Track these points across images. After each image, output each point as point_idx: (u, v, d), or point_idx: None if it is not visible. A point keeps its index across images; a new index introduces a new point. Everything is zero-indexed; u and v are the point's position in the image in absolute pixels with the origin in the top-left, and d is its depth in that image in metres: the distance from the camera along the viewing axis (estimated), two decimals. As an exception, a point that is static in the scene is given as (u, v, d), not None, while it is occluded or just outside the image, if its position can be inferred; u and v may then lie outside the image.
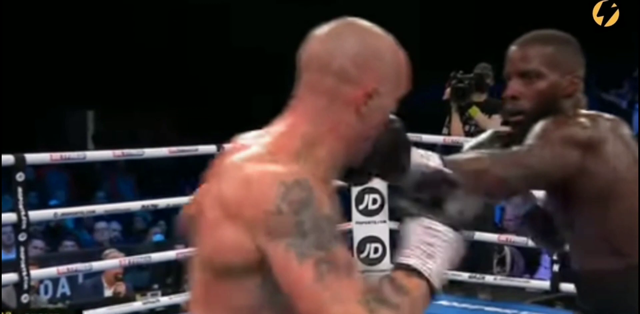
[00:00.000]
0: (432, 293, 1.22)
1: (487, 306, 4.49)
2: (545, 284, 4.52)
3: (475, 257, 5.20)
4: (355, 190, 5.09)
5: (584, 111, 1.87)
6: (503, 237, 4.93)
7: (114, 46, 10.90)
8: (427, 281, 1.22)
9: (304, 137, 1.27)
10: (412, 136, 4.86)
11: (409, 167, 1.50)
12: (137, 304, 4.37)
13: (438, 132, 5.27)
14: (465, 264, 5.03)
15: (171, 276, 6.21)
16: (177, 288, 5.52)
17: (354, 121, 1.27)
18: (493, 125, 5.27)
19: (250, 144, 1.30)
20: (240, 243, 1.21)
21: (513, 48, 1.89)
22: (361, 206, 5.10)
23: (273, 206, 1.19)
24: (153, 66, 11.05)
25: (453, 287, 4.98)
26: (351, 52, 1.27)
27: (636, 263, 1.82)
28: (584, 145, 1.76)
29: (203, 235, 1.27)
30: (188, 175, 9.50)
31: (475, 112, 5.26)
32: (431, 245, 1.22)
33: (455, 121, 5.32)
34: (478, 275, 4.63)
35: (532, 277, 5.76)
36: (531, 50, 1.85)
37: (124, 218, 8.36)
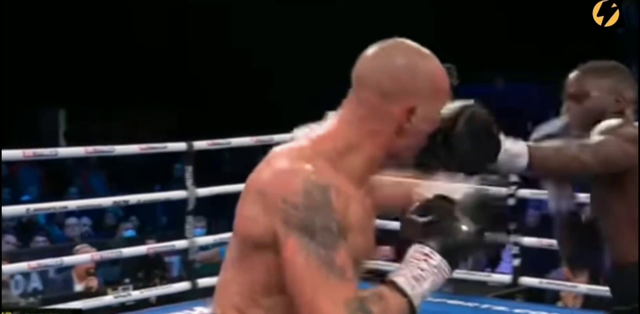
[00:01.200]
0: (411, 312, 1.34)
1: (450, 299, 4.55)
2: (506, 278, 4.60)
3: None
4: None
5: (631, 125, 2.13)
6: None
7: (90, 46, 10.85)
8: (409, 301, 1.33)
9: (346, 140, 1.38)
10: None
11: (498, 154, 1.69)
12: (109, 298, 4.39)
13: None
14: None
15: (142, 271, 6.22)
16: (148, 282, 5.54)
17: (395, 134, 1.37)
18: None
19: (297, 139, 1.42)
20: (260, 220, 1.33)
21: (570, 75, 2.18)
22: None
23: (294, 199, 1.31)
24: (130, 65, 11.01)
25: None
26: (393, 71, 1.36)
27: None
28: (635, 140, 2.01)
29: (237, 214, 1.39)
30: (158, 171, 9.50)
31: None
32: (423, 271, 1.34)
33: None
34: (441, 269, 4.68)
35: (493, 271, 5.85)
36: (582, 77, 2.15)
37: (95, 213, 8.35)
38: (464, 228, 1.37)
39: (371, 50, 1.40)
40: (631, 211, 2.01)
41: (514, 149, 1.77)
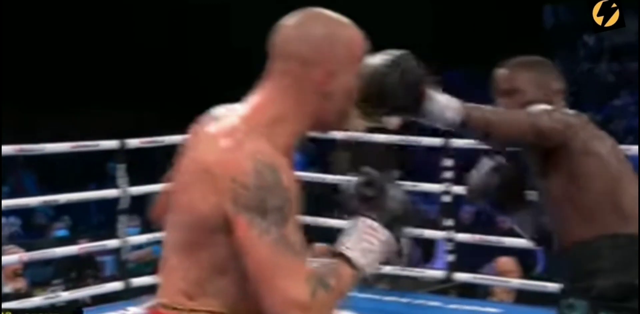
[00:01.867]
0: (363, 281, 1.40)
1: (385, 296, 4.58)
2: (440, 273, 4.64)
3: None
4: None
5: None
6: (400, 229, 5.04)
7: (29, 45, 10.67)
8: (360, 273, 1.39)
9: (276, 113, 1.40)
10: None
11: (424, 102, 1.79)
12: (37, 300, 4.30)
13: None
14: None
15: (74, 271, 6.12)
16: (80, 283, 5.44)
17: (320, 100, 1.42)
18: (394, 120, 5.36)
19: (224, 117, 1.43)
20: (209, 200, 1.35)
21: (498, 71, 2.22)
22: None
23: (244, 179, 1.33)
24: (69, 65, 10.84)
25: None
26: (312, 38, 1.41)
27: (596, 234, 2.02)
28: (566, 122, 2.04)
29: (177, 197, 1.40)
30: (94, 170, 9.35)
31: None
32: (370, 243, 1.40)
33: (354, 115, 5.40)
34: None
35: (428, 267, 5.91)
36: (512, 72, 2.20)
37: (24, 213, 8.18)
38: (403, 201, 1.44)
39: (289, 21, 1.44)
40: (570, 192, 2.04)
41: (444, 101, 1.84)
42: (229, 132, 1.38)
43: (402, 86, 1.79)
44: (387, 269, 4.74)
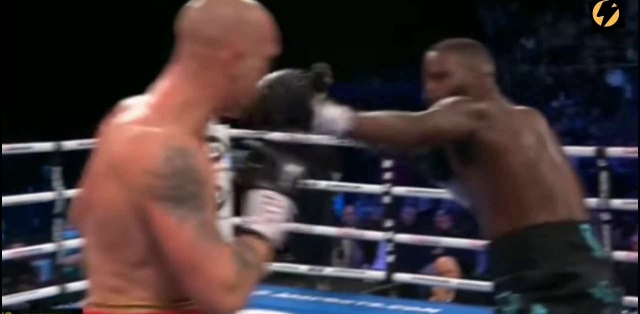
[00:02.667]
0: (274, 250, 1.43)
1: (326, 297, 4.59)
2: (380, 274, 4.68)
3: (315, 250, 5.33)
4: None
5: (491, 96, 2.16)
6: (342, 231, 5.07)
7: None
8: (271, 244, 1.42)
9: (184, 98, 1.41)
10: (256, 133, 4.91)
11: (314, 116, 1.81)
12: (-31, 306, 4.21)
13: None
14: (305, 257, 5.15)
15: (8, 276, 6.00)
16: (12, 289, 5.34)
17: (227, 82, 1.42)
18: None
19: (134, 106, 1.43)
20: (121, 197, 1.35)
21: (428, 54, 2.20)
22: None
23: (156, 168, 1.32)
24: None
25: (293, 279, 5.08)
26: (219, 20, 1.41)
27: (523, 225, 2.01)
28: (473, 113, 2.03)
29: (91, 196, 1.40)
30: (31, 173, 9.19)
31: None
32: (271, 212, 1.43)
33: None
34: (317, 267, 4.74)
35: (370, 268, 5.95)
36: (441, 55, 2.18)
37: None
38: (293, 166, 1.48)
39: (196, 3, 1.44)
40: (492, 184, 2.03)
41: (333, 114, 1.86)
42: (135, 121, 1.38)
43: (284, 103, 1.83)
44: (329, 270, 4.78)
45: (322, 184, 4.75)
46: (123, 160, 1.34)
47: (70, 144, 4.34)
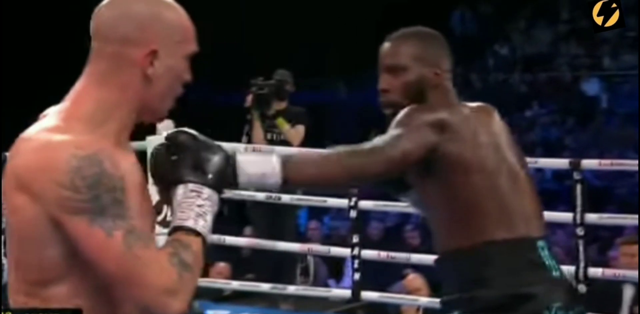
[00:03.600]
0: (205, 245, 1.42)
1: (290, 317, 4.57)
2: (347, 293, 4.65)
3: (278, 267, 5.29)
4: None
5: (450, 100, 2.08)
6: (305, 247, 5.04)
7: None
8: (203, 238, 1.41)
9: (96, 102, 1.38)
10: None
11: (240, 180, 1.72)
12: None
13: (236, 139, 5.28)
14: (267, 274, 5.11)
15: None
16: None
17: (142, 83, 1.39)
18: (297, 135, 5.37)
19: (47, 115, 1.40)
20: (30, 211, 1.32)
21: (384, 45, 2.10)
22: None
23: (66, 180, 1.29)
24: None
25: (255, 299, 5.04)
26: (133, 17, 1.39)
27: (479, 241, 1.97)
28: (436, 126, 1.97)
29: (4, 211, 1.36)
30: None
31: (283, 124, 5.34)
32: (200, 206, 1.43)
33: (257, 129, 5.37)
34: (280, 286, 4.71)
35: (336, 286, 5.92)
36: (398, 46, 2.08)
37: None
38: (217, 156, 1.48)
39: (108, 2, 1.42)
40: (448, 199, 1.99)
41: (259, 170, 1.73)
42: (41, 131, 1.34)
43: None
44: (292, 289, 4.74)
45: (286, 197, 4.72)
46: (28, 171, 1.31)
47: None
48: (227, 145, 4.86)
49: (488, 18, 12.61)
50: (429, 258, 4.48)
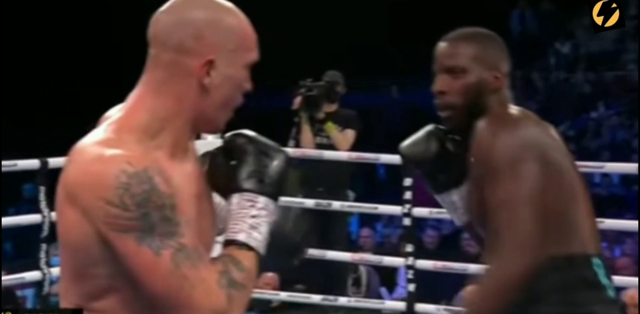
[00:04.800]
0: (259, 259, 1.41)
1: (342, 330, 4.57)
2: (401, 305, 4.64)
3: (329, 277, 5.29)
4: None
5: (510, 108, 2.08)
6: (357, 256, 5.04)
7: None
8: (257, 252, 1.41)
9: (151, 112, 1.38)
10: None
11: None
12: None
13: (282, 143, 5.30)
14: (317, 285, 5.11)
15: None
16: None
17: (199, 93, 1.39)
18: (345, 141, 5.35)
19: (103, 123, 1.41)
20: (83, 229, 1.33)
21: (441, 45, 2.10)
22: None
23: (115, 198, 1.30)
24: None
25: (305, 310, 5.05)
26: (189, 24, 1.38)
27: (541, 254, 1.95)
28: (537, 157, 1.95)
29: (58, 226, 1.38)
30: (10, 192, 9.20)
31: (331, 128, 5.32)
32: (254, 217, 1.41)
33: (306, 132, 5.35)
34: (331, 297, 4.71)
35: (389, 297, 5.90)
36: (457, 47, 2.08)
37: None
38: (272, 160, 1.43)
39: (166, 7, 1.41)
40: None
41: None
42: (94, 142, 1.35)
43: None
44: (343, 300, 4.75)
45: (336, 204, 4.72)
46: (77, 186, 1.32)
47: (57, 161, 4.33)
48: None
49: (549, 15, 12.49)
50: (487, 268, 4.44)
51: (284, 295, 4.91)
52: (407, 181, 4.44)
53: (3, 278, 4.67)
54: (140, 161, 1.32)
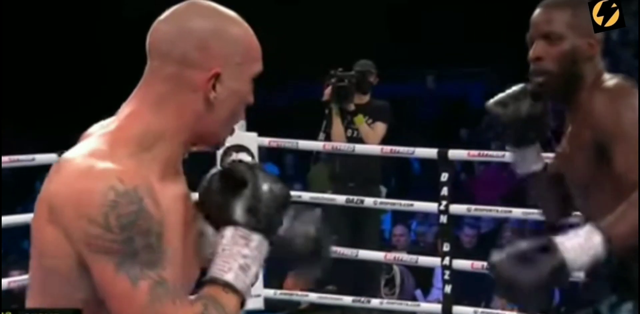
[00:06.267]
0: (243, 305, 1.38)
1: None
2: (437, 307, 4.65)
3: (361, 278, 5.31)
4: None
5: (606, 75, 2.16)
6: (391, 255, 5.05)
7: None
8: (243, 297, 1.37)
9: (148, 125, 1.35)
10: (287, 142, 4.92)
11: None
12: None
13: (312, 137, 5.29)
14: (348, 286, 5.13)
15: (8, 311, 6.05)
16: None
17: (203, 108, 1.37)
18: (374, 135, 5.35)
19: (92, 135, 1.38)
20: (59, 247, 1.30)
21: (537, 11, 2.19)
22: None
23: (98, 216, 1.27)
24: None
25: (335, 312, 5.07)
26: (192, 34, 1.36)
27: None
28: None
29: (33, 241, 1.35)
30: (22, 189, 9.30)
31: (361, 121, 5.32)
32: (245, 257, 1.37)
33: (337, 125, 5.34)
34: (363, 299, 4.73)
35: (424, 298, 5.92)
36: (554, 13, 2.17)
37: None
38: (270, 193, 1.38)
39: (165, 16, 1.39)
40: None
41: (587, 258, 1.85)
42: (85, 154, 1.31)
43: None
44: (376, 302, 4.76)
45: (369, 200, 4.74)
46: (61, 201, 1.29)
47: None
48: (304, 144, 4.89)
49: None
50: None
51: (313, 296, 4.94)
52: (444, 176, 4.44)
53: (20, 278, 4.73)
54: (131, 179, 1.29)
